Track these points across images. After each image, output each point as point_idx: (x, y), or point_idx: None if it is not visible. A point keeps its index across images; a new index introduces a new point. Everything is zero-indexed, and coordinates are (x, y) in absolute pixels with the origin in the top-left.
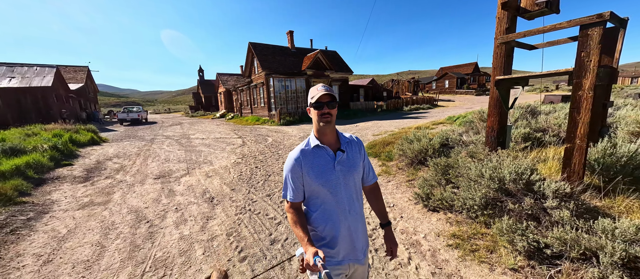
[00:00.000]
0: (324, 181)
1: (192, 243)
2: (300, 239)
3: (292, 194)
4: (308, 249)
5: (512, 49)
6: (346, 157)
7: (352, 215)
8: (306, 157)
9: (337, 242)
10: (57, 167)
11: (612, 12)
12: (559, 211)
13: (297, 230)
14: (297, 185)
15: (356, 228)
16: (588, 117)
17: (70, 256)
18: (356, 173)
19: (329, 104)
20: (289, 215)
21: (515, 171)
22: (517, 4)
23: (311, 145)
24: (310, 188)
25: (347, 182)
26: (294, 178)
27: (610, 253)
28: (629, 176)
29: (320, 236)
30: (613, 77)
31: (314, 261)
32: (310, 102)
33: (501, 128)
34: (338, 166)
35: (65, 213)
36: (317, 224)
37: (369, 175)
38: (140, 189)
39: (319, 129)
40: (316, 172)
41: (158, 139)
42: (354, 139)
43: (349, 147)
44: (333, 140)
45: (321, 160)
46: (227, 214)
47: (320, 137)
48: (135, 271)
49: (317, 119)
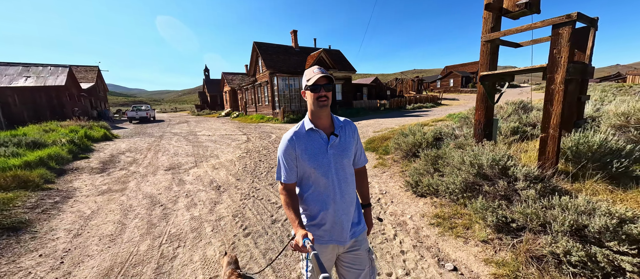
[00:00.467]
0: (317, 164)
1: (202, 222)
2: (291, 221)
3: (285, 175)
4: (298, 231)
5: (497, 47)
6: (339, 142)
7: (343, 197)
8: (300, 140)
9: (326, 222)
10: (75, 160)
11: (579, 12)
12: (526, 191)
13: (289, 212)
14: (291, 166)
15: (348, 210)
16: (560, 109)
17: (96, 231)
18: (348, 157)
19: (326, 86)
20: (282, 197)
21: (492, 158)
22: (500, 5)
23: (305, 128)
24: (302, 170)
25: (339, 166)
26: (288, 159)
27: (561, 222)
28: (597, 162)
29: (311, 216)
30: (585, 73)
31: (303, 242)
32: (306, 85)
33: (487, 121)
34: (331, 150)
35: (87, 198)
36: (309, 205)
37: (360, 158)
38: (153, 179)
39: (314, 112)
40: (309, 154)
41: (166, 135)
42: (348, 123)
43: (343, 131)
44: (327, 124)
45: (314, 143)
46: (233, 200)
47: (315, 120)
48: (154, 243)
49: (313, 102)
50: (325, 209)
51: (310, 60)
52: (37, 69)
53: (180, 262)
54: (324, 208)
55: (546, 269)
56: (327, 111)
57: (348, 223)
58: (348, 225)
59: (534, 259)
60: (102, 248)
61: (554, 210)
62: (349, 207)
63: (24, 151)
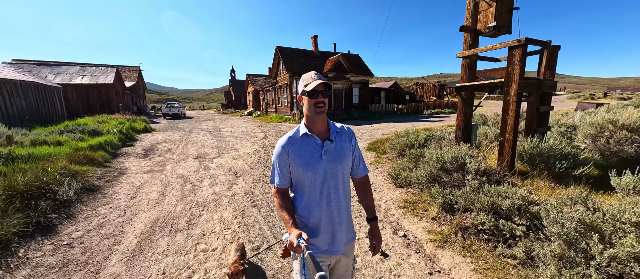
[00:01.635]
0: (310, 169)
1: (221, 196)
2: (285, 222)
3: (278, 180)
4: (292, 231)
5: (474, 62)
6: (334, 147)
7: (336, 205)
8: (293, 145)
9: (319, 230)
10: (123, 147)
11: (527, 38)
12: (472, 182)
13: (283, 213)
14: (283, 171)
15: (340, 219)
16: (513, 117)
17: (145, 196)
18: (344, 164)
19: (324, 92)
20: (275, 200)
21: (452, 156)
22: (474, 27)
23: (300, 133)
24: (296, 176)
25: (333, 172)
26: (281, 165)
27: (481, 202)
28: (544, 163)
29: (304, 223)
30: (541, 87)
31: (297, 242)
32: (303, 90)
33: (466, 127)
34: (325, 156)
35: (136, 174)
36: (301, 211)
37: (358, 167)
38: (184, 164)
39: (310, 118)
40: (302, 160)
41: (195, 130)
42: (344, 129)
43: (338, 137)
44: (323, 129)
45: (308, 148)
46: (246, 182)
47: (310, 126)
48: (186, 206)
49: (310, 108)
50: (317, 217)
51: (329, 64)
52: (91, 68)
53: (205, 219)
54: (316, 215)
55: (468, 236)
56: (324, 116)
57: (341, 232)
58: (341, 234)
59: (462, 230)
60: (150, 207)
61: (481, 195)
62: (343, 215)
63: (87, 137)
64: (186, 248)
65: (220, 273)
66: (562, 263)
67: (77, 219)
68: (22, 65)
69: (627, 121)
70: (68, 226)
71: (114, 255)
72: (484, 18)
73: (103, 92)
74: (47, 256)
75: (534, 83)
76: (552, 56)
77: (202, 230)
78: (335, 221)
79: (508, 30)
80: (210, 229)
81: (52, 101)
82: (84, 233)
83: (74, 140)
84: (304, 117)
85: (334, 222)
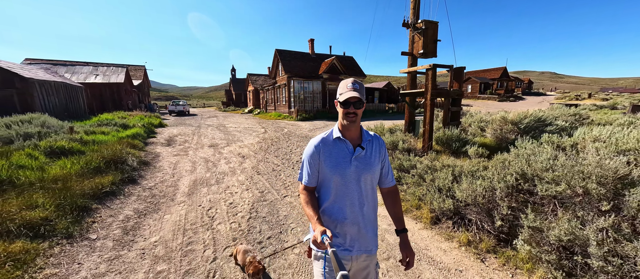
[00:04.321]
0: (339, 173)
1: (234, 169)
2: (310, 217)
3: (307, 178)
4: (317, 227)
5: (415, 76)
6: (364, 155)
7: (362, 212)
8: (326, 146)
9: (342, 233)
10: (148, 138)
11: (435, 64)
12: (400, 155)
13: (308, 209)
14: (313, 170)
15: (365, 225)
16: (429, 114)
17: (182, 168)
18: (372, 172)
19: (356, 104)
20: (302, 196)
21: (391, 140)
22: (411, 53)
23: (333, 136)
24: (324, 177)
25: (362, 179)
26: (311, 163)
27: (395, 164)
28: (446, 144)
29: (327, 225)
30: (449, 95)
31: (321, 238)
32: (338, 99)
33: (411, 121)
34: (355, 162)
35: (169, 156)
36: (326, 213)
37: (387, 177)
38: (202, 151)
39: (344, 125)
40: (333, 162)
41: (203, 126)
42: (377, 139)
43: (369, 145)
44: (356, 136)
45: (339, 152)
46: (251, 162)
47: (343, 131)
48: (212, 174)
49: (343, 116)
50: (342, 220)
51: (324, 66)
52: (103, 68)
53: (226, 180)
54: (341, 219)
55: None
56: (356, 125)
57: (362, 237)
58: (365, 239)
59: None
60: (188, 174)
61: (405, 161)
62: (367, 222)
63: (121, 129)
64: (219, 191)
65: (241, 203)
66: (418, 183)
67: (146, 178)
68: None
69: (512, 118)
70: (143, 181)
71: (178, 193)
72: (417, 47)
73: (115, 91)
74: (140, 192)
75: (444, 91)
76: (458, 73)
77: (226, 184)
78: (359, 225)
79: (433, 55)
80: (231, 184)
81: (77, 99)
82: (154, 184)
83: (113, 131)
84: (338, 121)
85: (358, 225)
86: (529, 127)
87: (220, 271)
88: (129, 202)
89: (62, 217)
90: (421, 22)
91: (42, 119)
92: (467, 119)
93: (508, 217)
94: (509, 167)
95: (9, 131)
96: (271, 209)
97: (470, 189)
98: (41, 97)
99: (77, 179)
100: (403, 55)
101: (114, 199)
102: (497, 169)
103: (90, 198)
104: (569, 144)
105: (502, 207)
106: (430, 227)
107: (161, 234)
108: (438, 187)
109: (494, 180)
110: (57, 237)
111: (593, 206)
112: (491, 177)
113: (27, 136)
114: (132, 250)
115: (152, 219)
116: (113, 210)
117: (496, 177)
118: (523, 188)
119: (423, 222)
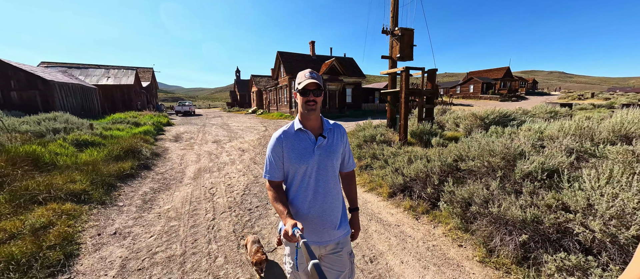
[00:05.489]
0: (303, 163)
1: (234, 160)
2: (279, 213)
3: (271, 173)
4: (287, 221)
5: (394, 78)
6: (326, 143)
7: (327, 198)
8: (288, 139)
9: (310, 222)
10: (158, 135)
11: (407, 66)
12: (382, 146)
13: (277, 205)
14: (277, 164)
15: (331, 211)
16: (404, 110)
17: (188, 159)
18: (335, 159)
19: (314, 91)
20: (269, 193)
21: (370, 134)
22: (391, 56)
23: (294, 128)
24: (289, 169)
25: (325, 167)
26: (275, 158)
27: (369, 153)
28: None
29: (295, 215)
30: (421, 94)
31: (292, 231)
32: (297, 88)
33: (392, 118)
34: (317, 151)
35: (177, 150)
36: (293, 204)
37: (348, 162)
38: (206, 146)
39: (303, 115)
40: (296, 154)
41: (207, 125)
42: (337, 126)
43: (331, 133)
44: (316, 126)
45: (302, 143)
46: (250, 155)
47: (304, 122)
48: (214, 164)
49: (303, 105)
50: (308, 209)
51: (324, 67)
52: (114, 70)
53: (226, 168)
54: (307, 208)
55: (369, 172)
56: (317, 114)
57: (331, 224)
58: (331, 226)
59: (365, 168)
60: (193, 163)
61: (378, 150)
62: (333, 208)
63: (133, 127)
64: (220, 176)
65: (237, 185)
66: (383, 167)
67: (157, 165)
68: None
69: (480, 115)
70: (155, 168)
71: (185, 177)
72: (395, 51)
73: (125, 92)
74: (154, 176)
75: (417, 91)
76: (431, 75)
77: (226, 171)
78: (326, 213)
79: (410, 58)
80: (230, 171)
81: (92, 100)
82: (165, 170)
83: (127, 128)
84: (298, 113)
85: (325, 214)
86: (494, 122)
87: (217, 225)
88: (145, 182)
89: (95, 190)
90: (398, 30)
91: (65, 117)
92: (446, 116)
93: (438, 187)
94: (451, 152)
95: (40, 127)
96: (262, 188)
97: (415, 168)
98: (60, 98)
99: (103, 163)
100: (383, 59)
101: (133, 180)
102: (442, 153)
103: (115, 178)
104: (508, 132)
105: (434, 179)
106: (386, 199)
107: (172, 204)
108: (395, 168)
109: (434, 161)
110: (93, 203)
111: (494, 175)
112: (434, 159)
113: (56, 131)
114: (151, 213)
115: (165, 195)
116: (133, 188)
117: (436, 159)
118: (459, 167)
119: (382, 196)
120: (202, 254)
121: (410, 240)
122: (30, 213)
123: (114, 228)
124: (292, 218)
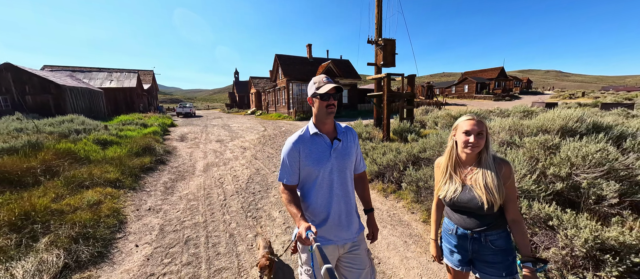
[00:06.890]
0: (320, 166)
1: (237, 156)
2: (293, 215)
3: (287, 177)
4: (301, 224)
5: (380, 82)
6: (342, 146)
7: (344, 199)
8: (304, 144)
9: (328, 223)
10: (164, 135)
11: (389, 73)
12: (366, 142)
13: (291, 208)
14: (293, 169)
15: (348, 212)
16: (386, 111)
17: (196, 156)
18: (350, 161)
19: (335, 95)
20: (283, 196)
21: (358, 131)
22: (375, 63)
23: (310, 132)
24: (306, 173)
25: (341, 169)
26: (291, 162)
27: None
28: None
29: (313, 217)
30: (401, 97)
31: (306, 234)
32: (315, 93)
33: (378, 117)
34: (334, 154)
35: (184, 148)
36: (311, 206)
37: (360, 164)
38: (210, 144)
39: (320, 119)
40: (313, 158)
41: (209, 126)
42: (349, 129)
43: (345, 136)
44: (331, 129)
45: (318, 147)
46: (251, 152)
47: (319, 126)
48: (219, 160)
49: (322, 109)
50: (327, 211)
51: (320, 70)
52: (116, 74)
53: (231, 163)
54: (325, 209)
55: None
56: (332, 117)
57: (348, 224)
58: (348, 225)
59: None
60: (201, 159)
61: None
62: (350, 209)
63: (142, 128)
64: (226, 169)
65: (242, 176)
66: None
67: (171, 161)
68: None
69: (454, 114)
70: (169, 163)
71: (196, 170)
72: (379, 59)
73: (128, 94)
74: (170, 169)
75: (397, 94)
76: (410, 80)
77: (231, 166)
78: (343, 213)
79: (392, 65)
80: (235, 165)
81: (98, 102)
82: (178, 165)
83: (137, 129)
84: (312, 117)
85: (342, 214)
86: None
87: (228, 204)
88: (163, 174)
89: (126, 178)
90: (382, 40)
91: (81, 119)
92: (428, 116)
93: (402, 172)
94: (418, 145)
95: (61, 128)
96: (262, 178)
97: (387, 158)
98: (71, 101)
99: (126, 158)
100: (369, 66)
101: (153, 172)
102: (412, 147)
103: (138, 170)
104: None
105: (400, 167)
106: None
107: (189, 190)
108: (373, 159)
109: (403, 153)
110: (126, 189)
111: None
112: (403, 151)
113: (77, 131)
114: (173, 196)
115: (182, 183)
116: (154, 178)
117: (405, 151)
118: (420, 157)
119: None
120: (219, 222)
121: (378, 211)
122: (83, 194)
123: (147, 206)
124: (306, 220)
